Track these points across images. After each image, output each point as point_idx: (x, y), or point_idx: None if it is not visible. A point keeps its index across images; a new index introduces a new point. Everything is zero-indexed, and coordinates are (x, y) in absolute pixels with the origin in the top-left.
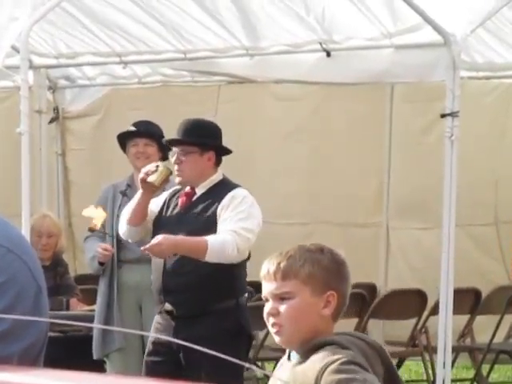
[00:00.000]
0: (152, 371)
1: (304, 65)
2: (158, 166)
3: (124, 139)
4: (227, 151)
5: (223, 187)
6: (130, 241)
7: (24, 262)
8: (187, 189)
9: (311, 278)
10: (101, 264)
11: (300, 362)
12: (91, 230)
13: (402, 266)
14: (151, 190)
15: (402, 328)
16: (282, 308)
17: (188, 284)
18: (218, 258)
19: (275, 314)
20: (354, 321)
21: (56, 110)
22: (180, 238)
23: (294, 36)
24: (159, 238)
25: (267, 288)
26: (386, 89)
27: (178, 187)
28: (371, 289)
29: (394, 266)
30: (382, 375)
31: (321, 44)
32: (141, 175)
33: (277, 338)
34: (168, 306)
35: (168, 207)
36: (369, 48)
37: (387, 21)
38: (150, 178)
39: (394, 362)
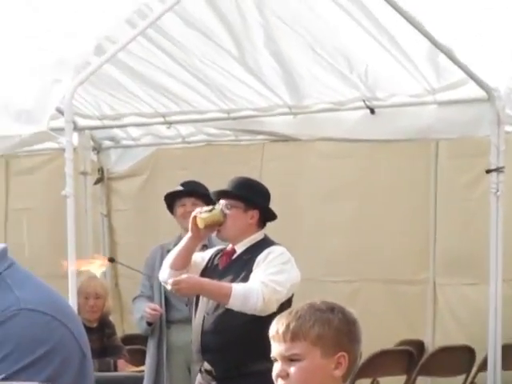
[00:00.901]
0: None
1: (348, 122)
2: (213, 208)
3: (171, 200)
4: (272, 215)
5: (262, 245)
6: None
7: (69, 329)
8: (229, 247)
9: (321, 339)
10: (149, 324)
11: None
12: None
13: (449, 322)
14: (198, 230)
15: None
16: (292, 370)
17: (224, 343)
18: (242, 304)
19: (284, 376)
20: (403, 378)
21: (101, 170)
22: (205, 279)
23: (337, 93)
24: (183, 276)
25: (276, 349)
26: (431, 145)
27: (223, 246)
28: (419, 345)
29: (442, 323)
30: None
31: (364, 101)
32: (194, 213)
33: None
34: (207, 366)
35: (212, 264)
36: (412, 105)
37: (431, 77)
38: (202, 215)
39: None
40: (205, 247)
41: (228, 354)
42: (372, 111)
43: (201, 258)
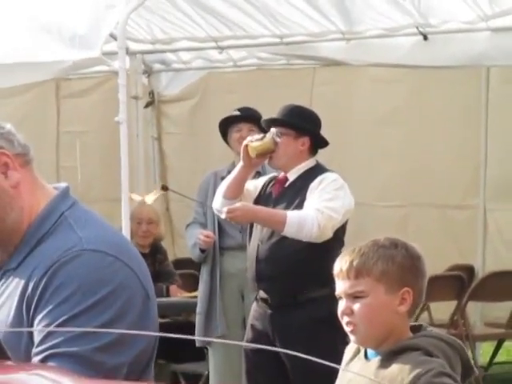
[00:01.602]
0: (250, 361)
1: (401, 48)
2: (264, 136)
3: (226, 125)
4: (324, 142)
5: (315, 172)
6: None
7: (132, 269)
8: (281, 175)
9: (385, 275)
10: (202, 251)
11: (382, 365)
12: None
13: (499, 247)
14: (249, 159)
15: (501, 310)
16: (356, 307)
17: (279, 271)
18: (297, 232)
19: (349, 313)
20: (453, 303)
21: (151, 94)
22: (259, 207)
23: (390, 20)
24: (238, 204)
25: (340, 286)
26: (482, 71)
27: (275, 174)
28: (469, 271)
29: (492, 248)
30: (460, 373)
31: (417, 28)
32: (245, 142)
33: (352, 337)
34: (263, 294)
35: (265, 192)
36: (465, 31)
37: (484, 3)
38: (253, 144)
39: (493, 343)
40: (258, 174)
41: (283, 282)
42: (425, 37)
43: (254, 186)
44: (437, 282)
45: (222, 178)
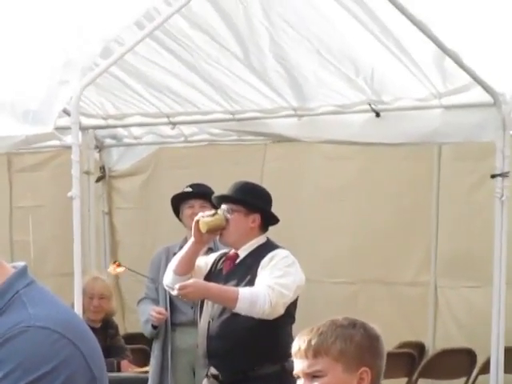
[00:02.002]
0: None
1: (353, 125)
2: (216, 213)
3: (178, 201)
4: (274, 219)
5: (265, 249)
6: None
7: (78, 348)
8: (231, 252)
9: (343, 354)
10: (154, 328)
11: None
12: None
13: (450, 324)
14: (200, 234)
15: None
16: None
17: (229, 347)
18: (249, 308)
19: None
20: (404, 380)
21: (102, 169)
22: (211, 283)
23: (342, 96)
24: (190, 281)
25: (299, 366)
26: (434, 148)
27: (226, 250)
28: (420, 348)
29: (443, 325)
30: None
31: (370, 105)
32: (196, 217)
33: None
34: (213, 370)
35: (216, 268)
36: (418, 108)
37: (437, 81)
38: (205, 219)
39: None
40: (210, 250)
41: (234, 359)
42: (377, 114)
43: (204, 262)
44: (387, 359)
45: (174, 254)
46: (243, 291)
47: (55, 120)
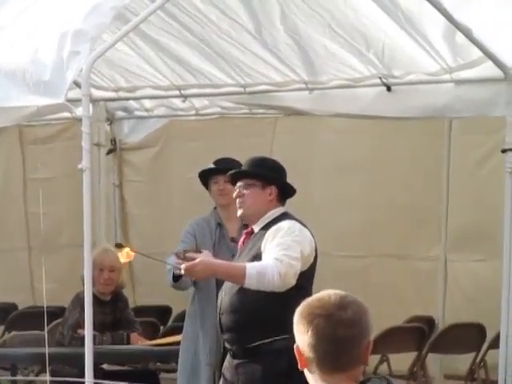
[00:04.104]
0: None
1: (363, 99)
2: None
3: (206, 177)
4: (291, 190)
5: (274, 223)
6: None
7: None
8: (249, 228)
9: None
10: (175, 279)
11: None
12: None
13: (459, 298)
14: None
15: (461, 362)
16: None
17: (238, 322)
18: (258, 283)
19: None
20: (413, 354)
21: (113, 141)
22: (218, 261)
23: (353, 70)
24: (197, 260)
25: None
26: (445, 123)
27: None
28: (429, 322)
29: (452, 299)
30: None
31: (381, 78)
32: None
33: None
34: (227, 345)
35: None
36: (429, 83)
37: (448, 55)
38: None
39: None
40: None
41: (244, 334)
42: (388, 88)
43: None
44: (397, 334)
45: (214, 225)
46: (250, 266)
47: (66, 91)
